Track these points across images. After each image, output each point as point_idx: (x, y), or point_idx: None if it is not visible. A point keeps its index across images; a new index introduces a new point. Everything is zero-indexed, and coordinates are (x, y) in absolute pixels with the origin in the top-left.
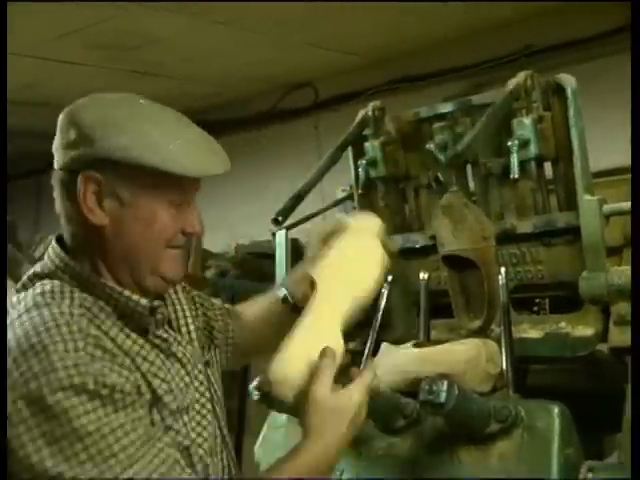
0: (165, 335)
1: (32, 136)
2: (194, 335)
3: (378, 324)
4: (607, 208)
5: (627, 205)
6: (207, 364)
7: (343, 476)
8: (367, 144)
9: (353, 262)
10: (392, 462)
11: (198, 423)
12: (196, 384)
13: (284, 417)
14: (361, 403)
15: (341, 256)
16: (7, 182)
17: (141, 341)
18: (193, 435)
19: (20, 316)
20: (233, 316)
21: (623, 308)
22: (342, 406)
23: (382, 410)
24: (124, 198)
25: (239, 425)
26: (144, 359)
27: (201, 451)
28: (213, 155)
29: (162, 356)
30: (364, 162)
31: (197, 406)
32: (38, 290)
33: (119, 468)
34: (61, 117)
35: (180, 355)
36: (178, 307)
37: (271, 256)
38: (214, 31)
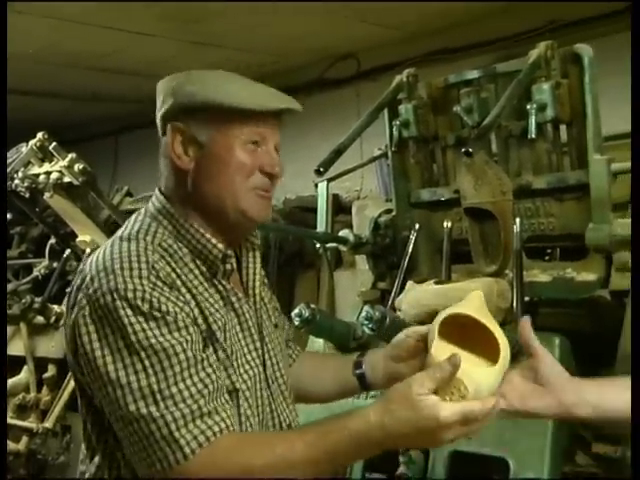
0: (229, 286)
1: (110, 100)
2: (259, 299)
3: (405, 266)
4: (615, 167)
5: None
6: (275, 326)
7: (370, 393)
8: (401, 107)
9: None
10: None
11: (245, 371)
12: (248, 339)
13: (320, 342)
14: (446, 424)
15: None
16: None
17: (207, 284)
18: (238, 379)
19: (110, 243)
20: (299, 349)
21: (624, 256)
22: (423, 413)
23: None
24: (202, 141)
25: None
26: (205, 298)
27: (242, 398)
28: (275, 95)
29: (222, 303)
30: (398, 123)
31: (247, 357)
32: (132, 226)
33: (165, 383)
34: (158, 86)
35: (237, 307)
36: (251, 272)
37: (314, 210)
38: (268, 6)
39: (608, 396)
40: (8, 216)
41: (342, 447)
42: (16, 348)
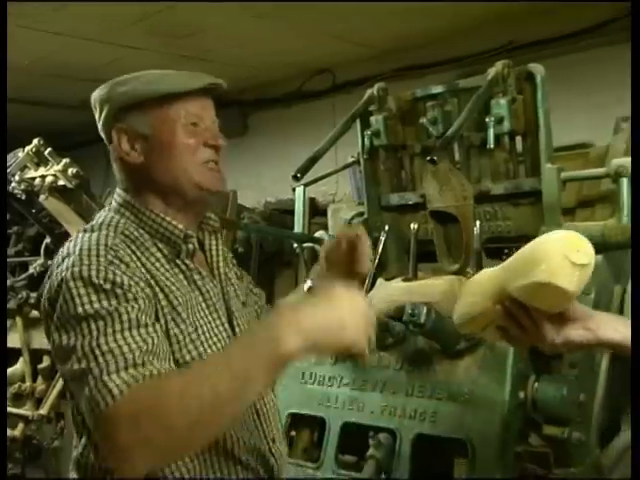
0: (192, 265)
1: None
2: (224, 277)
3: (376, 265)
4: (564, 175)
5: (580, 173)
6: (243, 304)
7: (343, 381)
8: (372, 118)
9: None
10: (382, 372)
11: (214, 343)
12: (214, 315)
13: None
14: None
15: None
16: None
17: (168, 266)
18: (206, 351)
19: (75, 236)
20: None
21: None
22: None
23: (375, 330)
24: (145, 133)
25: None
26: (166, 278)
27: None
28: (198, 76)
29: (185, 282)
30: (369, 133)
31: (215, 331)
32: (96, 220)
33: (104, 340)
34: (91, 100)
35: (200, 285)
36: (214, 253)
37: (292, 212)
38: (250, 23)
39: (623, 322)
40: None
41: (258, 339)
42: (13, 340)
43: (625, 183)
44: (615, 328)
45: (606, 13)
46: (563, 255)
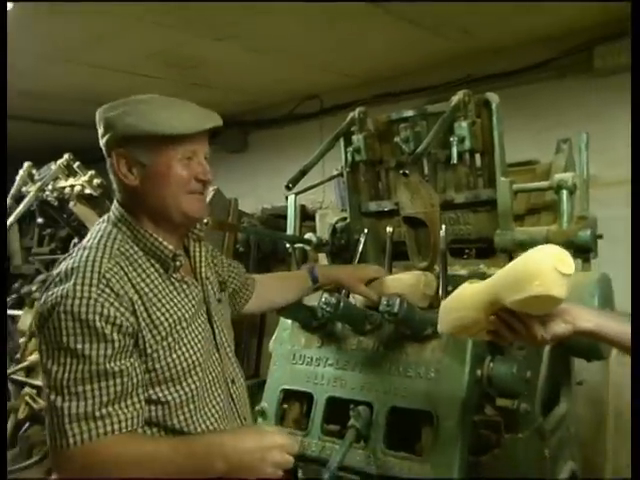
0: (179, 277)
1: None
2: (207, 281)
3: (356, 262)
4: (515, 187)
5: (529, 185)
6: (219, 301)
7: (328, 362)
8: (354, 137)
9: None
10: (361, 354)
11: (199, 341)
12: (198, 314)
13: (289, 322)
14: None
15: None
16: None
17: (160, 279)
18: (193, 347)
19: (75, 251)
20: (255, 279)
21: None
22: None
23: (356, 317)
24: (144, 162)
25: (260, 330)
26: (156, 293)
27: (195, 357)
28: (200, 116)
29: (174, 292)
30: (351, 149)
31: (199, 329)
32: (95, 234)
33: (74, 382)
34: (96, 116)
35: (188, 292)
36: (198, 259)
37: (285, 217)
38: (249, 57)
39: (600, 314)
40: (40, 220)
41: (198, 452)
42: None
43: (565, 194)
44: (587, 319)
45: (546, 53)
46: (553, 268)
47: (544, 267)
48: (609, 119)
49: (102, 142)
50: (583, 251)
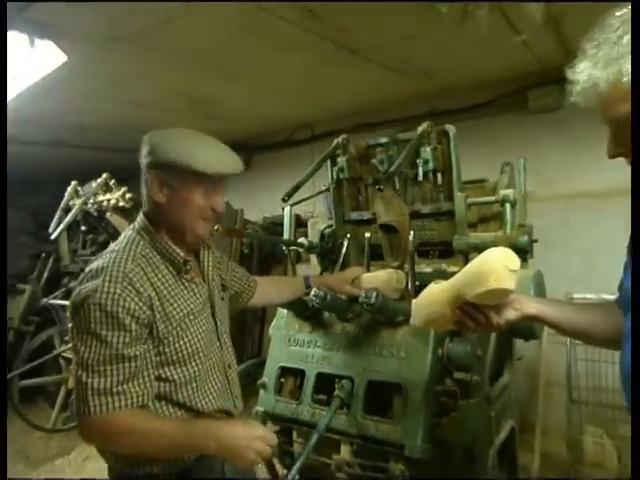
0: (189, 278)
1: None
2: (212, 281)
3: (341, 262)
4: (469, 200)
5: (480, 199)
6: (222, 299)
7: (317, 344)
8: (338, 159)
9: None
10: (344, 337)
11: (204, 330)
12: (204, 310)
13: (285, 311)
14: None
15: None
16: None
17: (173, 280)
18: (199, 335)
19: (105, 253)
20: (256, 281)
21: (475, 256)
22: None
23: (340, 307)
24: (174, 186)
25: (262, 318)
26: (170, 290)
27: (199, 344)
28: (227, 160)
29: (185, 291)
30: (336, 169)
31: (204, 321)
32: (122, 239)
33: (97, 361)
34: (143, 139)
35: (196, 291)
36: (206, 264)
37: (282, 224)
38: (253, 94)
39: (541, 300)
40: (83, 228)
41: (196, 432)
42: None
43: (508, 207)
44: (532, 305)
45: (491, 94)
46: (504, 266)
47: (497, 266)
48: (541, 147)
49: (143, 161)
50: (522, 253)
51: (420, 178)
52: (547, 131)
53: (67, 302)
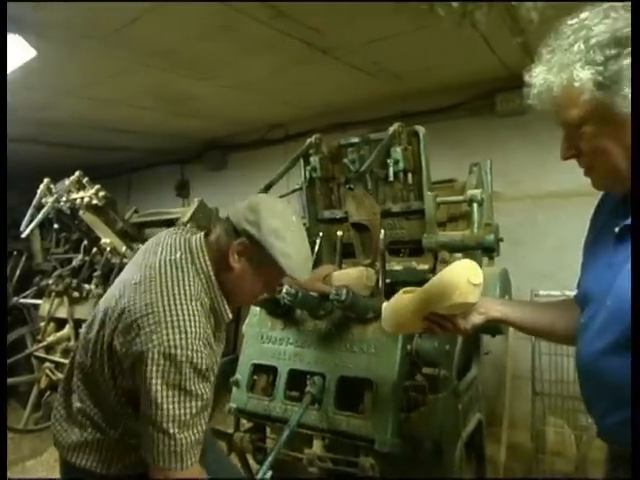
0: (220, 328)
1: (123, 150)
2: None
3: (314, 260)
4: (439, 200)
5: (449, 199)
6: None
7: (289, 341)
8: (311, 158)
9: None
10: (316, 334)
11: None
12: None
13: (258, 309)
14: None
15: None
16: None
17: (212, 329)
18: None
19: (173, 292)
20: None
21: (444, 254)
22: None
23: (312, 305)
24: (254, 263)
25: (237, 316)
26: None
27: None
28: (306, 269)
29: (215, 342)
30: (309, 168)
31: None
32: (186, 273)
33: (189, 416)
34: (250, 201)
35: (221, 338)
36: None
37: None
38: (227, 92)
39: (504, 302)
40: (56, 226)
41: None
42: (61, 312)
43: (475, 206)
44: (496, 309)
45: (460, 97)
46: (467, 280)
47: (460, 280)
48: (508, 149)
49: (243, 222)
50: (489, 251)
51: (391, 178)
52: (514, 134)
53: (39, 301)
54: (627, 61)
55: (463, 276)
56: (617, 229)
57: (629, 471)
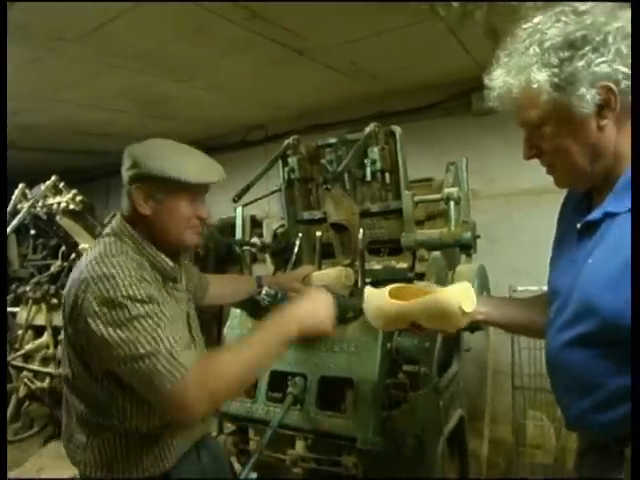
0: (172, 285)
1: (99, 154)
2: (185, 285)
3: (293, 261)
4: (417, 199)
5: (427, 197)
6: (189, 300)
7: None
8: (290, 159)
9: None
10: None
11: (181, 330)
12: (181, 312)
13: (238, 311)
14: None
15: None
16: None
17: (159, 285)
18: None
19: (95, 258)
20: (208, 279)
21: (423, 252)
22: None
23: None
24: (159, 198)
25: (219, 318)
26: (160, 293)
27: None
28: (213, 170)
29: (169, 297)
30: (287, 169)
31: (181, 322)
32: (108, 244)
33: (156, 334)
34: (125, 152)
35: (176, 296)
36: (183, 271)
37: None
38: (206, 94)
39: (487, 302)
40: (33, 232)
41: (279, 328)
42: (39, 319)
43: (452, 204)
44: (479, 312)
45: (437, 97)
46: (458, 308)
47: (454, 310)
48: (484, 148)
49: (126, 174)
50: (466, 248)
51: (368, 178)
52: (489, 132)
53: (16, 309)
54: (581, 63)
55: (456, 304)
56: (579, 225)
57: (598, 458)
